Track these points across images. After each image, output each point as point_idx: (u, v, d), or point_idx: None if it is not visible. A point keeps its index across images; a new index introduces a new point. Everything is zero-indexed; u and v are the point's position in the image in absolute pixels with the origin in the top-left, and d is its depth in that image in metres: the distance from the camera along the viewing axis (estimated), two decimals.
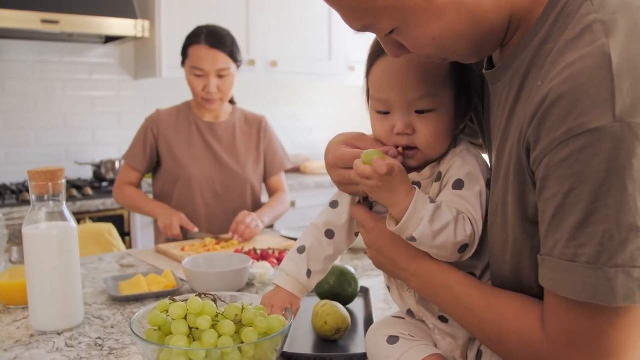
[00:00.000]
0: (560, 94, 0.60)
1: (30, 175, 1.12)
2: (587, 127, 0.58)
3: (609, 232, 0.58)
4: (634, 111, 0.57)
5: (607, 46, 0.59)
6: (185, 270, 1.34)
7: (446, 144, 0.85)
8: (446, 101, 0.82)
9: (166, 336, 0.87)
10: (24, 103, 3.09)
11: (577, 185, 0.60)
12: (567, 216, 0.61)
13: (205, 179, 2.06)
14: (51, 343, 1.08)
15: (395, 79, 0.82)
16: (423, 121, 0.82)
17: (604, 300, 0.59)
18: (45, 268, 1.13)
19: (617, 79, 0.58)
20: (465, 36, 0.70)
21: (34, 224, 1.13)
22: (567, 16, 0.66)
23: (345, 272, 1.24)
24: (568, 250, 0.61)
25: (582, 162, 0.59)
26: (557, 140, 0.61)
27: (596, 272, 0.59)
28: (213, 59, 1.96)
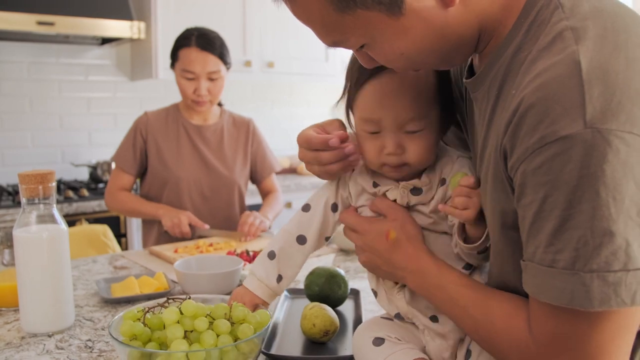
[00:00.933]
0: (533, 102, 0.61)
1: (21, 178, 1.13)
2: (558, 135, 0.59)
3: (583, 238, 0.59)
4: (604, 117, 0.57)
5: (577, 53, 0.60)
6: (177, 272, 1.35)
7: (434, 155, 0.89)
8: (433, 120, 0.85)
9: (145, 344, 0.88)
10: (20, 104, 3.10)
11: (551, 193, 0.60)
12: (544, 223, 0.62)
13: (193, 181, 2.06)
14: (41, 345, 1.09)
15: (388, 101, 0.83)
16: (413, 140, 0.85)
17: (580, 305, 0.60)
18: (36, 270, 1.13)
19: (587, 85, 0.58)
20: (434, 50, 0.72)
21: (24, 226, 1.14)
22: (539, 24, 0.66)
23: (335, 274, 1.24)
24: (547, 255, 0.62)
25: (555, 169, 0.59)
26: (530, 148, 0.61)
27: (572, 277, 0.60)
28: (204, 62, 1.97)
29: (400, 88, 0.83)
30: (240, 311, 0.92)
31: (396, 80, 0.82)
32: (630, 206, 0.58)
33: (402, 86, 0.83)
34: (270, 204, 2.15)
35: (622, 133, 0.57)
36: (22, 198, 1.14)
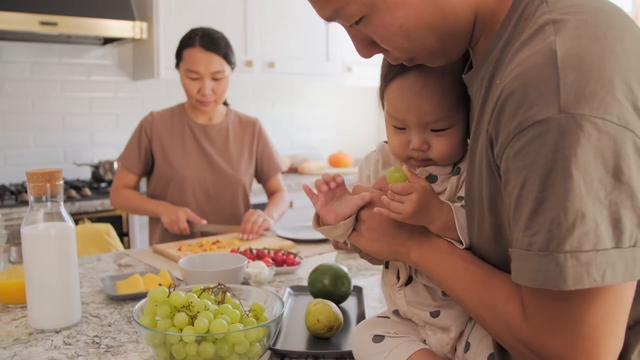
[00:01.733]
0: (512, 89, 0.64)
1: (29, 177, 1.14)
2: (534, 119, 0.61)
3: (557, 219, 0.60)
4: (578, 103, 0.60)
5: (554, 43, 0.63)
6: (181, 269, 1.36)
7: (460, 154, 0.89)
8: (460, 119, 0.85)
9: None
10: (22, 104, 3.11)
11: (529, 176, 0.63)
12: (523, 207, 0.64)
13: (197, 180, 2.08)
14: (49, 341, 1.10)
15: (413, 102, 0.84)
16: (439, 139, 0.85)
17: (555, 285, 0.61)
18: (44, 268, 1.15)
19: (562, 72, 0.61)
20: (432, 27, 0.72)
21: (32, 224, 1.15)
22: (525, 19, 0.69)
23: (338, 271, 1.26)
24: (524, 239, 0.64)
25: (531, 153, 0.62)
26: (511, 134, 0.64)
27: (546, 258, 0.61)
28: (208, 62, 1.98)
29: (425, 88, 0.83)
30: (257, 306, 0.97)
31: (421, 80, 0.83)
32: (599, 188, 0.60)
33: (427, 86, 0.83)
34: (275, 203, 2.16)
35: (594, 119, 0.59)
36: (30, 196, 1.16)
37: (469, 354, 0.87)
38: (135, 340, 1.10)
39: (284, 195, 2.25)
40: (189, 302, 0.92)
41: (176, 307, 0.92)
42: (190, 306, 0.91)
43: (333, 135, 4.33)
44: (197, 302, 0.91)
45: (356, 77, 3.91)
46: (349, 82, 3.92)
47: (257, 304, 1.00)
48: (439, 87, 0.83)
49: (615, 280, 0.60)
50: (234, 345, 0.89)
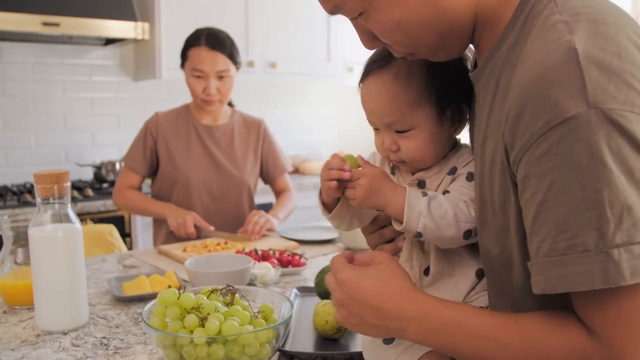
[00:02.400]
0: (532, 90, 0.63)
1: (36, 178, 1.14)
2: (564, 116, 0.60)
3: (603, 216, 0.59)
4: (605, 98, 0.59)
5: (572, 41, 0.62)
6: (188, 270, 1.36)
7: (435, 154, 0.90)
8: (424, 118, 0.86)
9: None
10: (24, 105, 3.11)
11: (559, 177, 0.61)
12: (551, 212, 0.62)
13: (202, 181, 2.08)
14: (57, 343, 1.10)
15: (371, 105, 0.88)
16: (404, 140, 0.88)
17: (614, 282, 0.59)
18: (51, 269, 1.15)
19: (585, 69, 0.60)
20: (430, 25, 0.73)
21: (39, 225, 1.15)
22: (532, 18, 0.69)
23: None
24: (558, 245, 0.61)
25: (562, 152, 0.60)
26: (535, 135, 0.62)
27: (597, 257, 0.59)
28: (213, 61, 1.98)
29: (379, 92, 0.86)
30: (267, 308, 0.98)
31: (376, 84, 0.85)
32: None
33: (380, 90, 0.86)
34: (281, 203, 2.16)
35: (623, 112, 0.59)
36: (37, 197, 1.16)
37: None
38: (143, 342, 1.10)
39: (291, 195, 2.24)
40: (199, 304, 0.92)
41: (186, 309, 0.92)
42: (200, 308, 0.91)
43: (334, 136, 4.33)
44: (207, 304, 0.91)
45: (357, 77, 3.89)
46: (350, 83, 3.92)
47: (266, 305, 1.00)
48: (392, 90, 0.85)
49: None
50: (244, 346, 0.89)
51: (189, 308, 0.91)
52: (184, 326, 0.89)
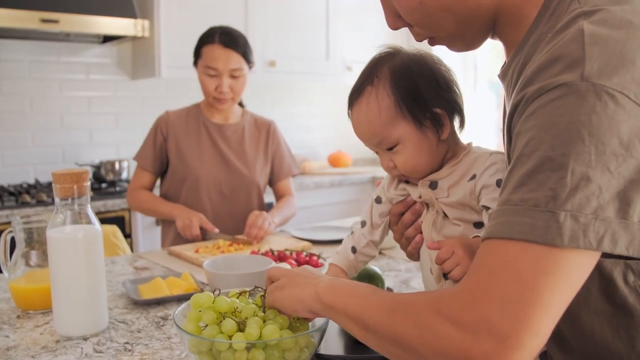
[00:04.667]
0: (539, 64, 0.66)
1: (55, 178, 1.10)
2: (557, 83, 0.63)
3: (563, 179, 0.60)
4: (600, 74, 0.61)
5: (582, 25, 0.65)
6: (207, 272, 1.33)
7: (430, 160, 0.96)
8: (405, 133, 0.94)
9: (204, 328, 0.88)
10: (21, 104, 3.04)
11: (536, 135, 0.63)
12: (522, 165, 0.64)
13: (212, 180, 2.04)
14: (79, 349, 1.06)
15: (358, 132, 0.98)
16: (395, 155, 0.96)
17: (551, 240, 0.59)
18: (71, 272, 1.10)
19: (588, 46, 0.63)
20: (451, 10, 0.76)
21: (58, 227, 1.11)
22: (557, 15, 0.71)
23: (372, 273, 1.23)
24: (515, 195, 0.63)
25: (545, 113, 0.63)
26: (530, 98, 0.65)
27: (544, 214, 0.60)
28: (227, 59, 1.96)
29: (358, 121, 0.96)
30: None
31: (356, 112, 0.96)
32: (610, 159, 0.60)
33: (359, 119, 0.96)
34: (280, 207, 2.11)
35: (613, 91, 0.61)
36: (56, 198, 1.11)
37: None
38: (168, 347, 1.06)
39: (291, 201, 2.18)
40: (235, 308, 0.88)
41: (221, 313, 0.88)
42: (236, 312, 0.88)
43: (332, 135, 4.30)
44: (245, 308, 0.88)
45: (356, 76, 3.86)
46: (349, 81, 3.89)
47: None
48: (368, 116, 0.94)
49: (616, 249, 0.60)
50: (284, 351, 0.85)
51: (224, 312, 0.88)
52: (221, 331, 0.85)
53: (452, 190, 0.95)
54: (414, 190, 1.00)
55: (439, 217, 0.98)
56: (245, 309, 0.87)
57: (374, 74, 0.94)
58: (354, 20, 3.84)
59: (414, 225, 1.05)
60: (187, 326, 0.89)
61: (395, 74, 0.93)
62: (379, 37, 3.98)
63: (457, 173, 0.95)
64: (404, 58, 0.95)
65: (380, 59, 0.96)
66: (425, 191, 0.98)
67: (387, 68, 0.94)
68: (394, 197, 1.06)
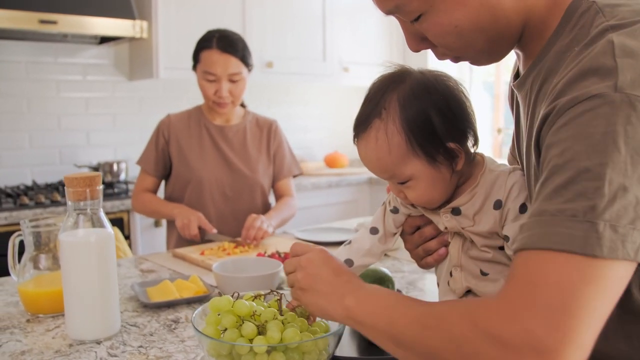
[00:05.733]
0: (570, 77, 0.66)
1: (68, 181, 1.10)
2: (590, 93, 0.63)
3: (600, 190, 0.60)
4: (633, 85, 0.62)
5: (611, 37, 0.66)
6: (216, 274, 1.33)
7: (443, 192, 0.91)
8: (417, 170, 0.88)
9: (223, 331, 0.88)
10: (18, 105, 3.02)
11: (571, 145, 0.63)
12: (558, 175, 0.63)
13: (215, 181, 2.04)
14: (93, 353, 1.06)
15: (366, 164, 0.92)
16: (407, 189, 0.91)
17: (591, 251, 0.58)
18: (84, 276, 1.10)
19: (619, 58, 0.63)
20: (484, 30, 0.76)
21: (70, 230, 1.11)
22: (581, 27, 0.71)
23: (383, 275, 1.23)
24: (552, 206, 0.62)
25: (581, 124, 0.63)
26: (562, 109, 0.65)
27: (583, 224, 0.60)
28: (225, 64, 1.95)
29: (368, 153, 0.89)
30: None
31: (364, 145, 0.89)
32: None
33: (368, 152, 0.89)
34: (278, 209, 2.09)
35: None
36: (68, 201, 1.11)
37: None
38: (183, 350, 1.06)
39: (290, 201, 2.16)
40: (254, 311, 0.89)
41: (241, 317, 0.88)
42: (255, 315, 0.88)
43: (329, 136, 4.30)
44: (265, 312, 0.88)
45: (353, 77, 3.90)
46: (345, 82, 3.90)
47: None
48: (377, 152, 0.88)
49: None
50: (304, 354, 0.86)
51: (244, 315, 0.88)
52: (241, 335, 0.86)
53: (478, 218, 0.91)
54: (438, 220, 0.96)
55: (466, 242, 0.95)
56: (264, 313, 0.88)
57: (381, 105, 0.86)
58: (351, 21, 3.85)
59: (438, 239, 0.99)
60: (206, 330, 0.89)
61: (405, 107, 0.85)
62: (375, 38, 3.99)
63: (478, 197, 0.91)
64: (413, 85, 0.87)
65: (388, 88, 0.88)
66: (450, 221, 0.94)
67: (396, 99, 0.86)
68: (411, 211, 1.02)
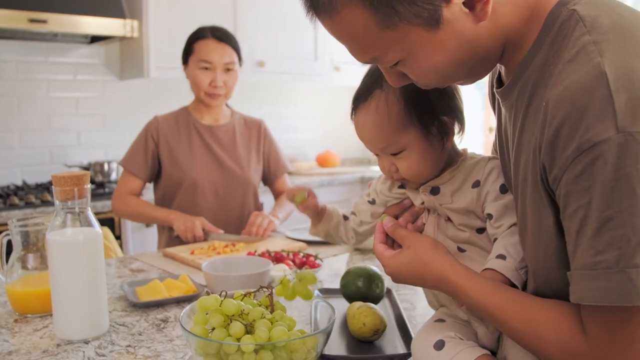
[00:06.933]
0: (565, 114, 0.65)
1: (55, 180, 1.09)
2: (594, 141, 0.62)
3: (625, 236, 0.61)
4: (634, 121, 0.61)
5: (602, 64, 0.64)
6: (206, 274, 1.32)
7: (432, 167, 0.96)
8: (411, 140, 0.93)
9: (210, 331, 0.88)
10: (8, 104, 3.00)
11: (594, 196, 0.63)
12: (587, 228, 0.64)
13: (207, 181, 2.04)
14: (80, 352, 1.05)
15: (363, 136, 0.96)
16: (399, 161, 0.95)
17: (629, 301, 0.62)
18: (72, 275, 1.10)
19: (615, 94, 0.62)
20: (464, 63, 0.76)
21: (58, 229, 1.10)
22: (562, 38, 0.70)
23: (373, 273, 1.23)
24: (589, 259, 0.64)
25: (594, 173, 0.63)
26: (570, 158, 0.65)
27: (617, 275, 0.62)
28: (221, 52, 1.98)
29: (365, 124, 0.94)
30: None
31: (362, 118, 0.93)
32: None
33: (366, 122, 0.93)
34: (281, 204, 2.13)
35: None
36: (56, 200, 1.11)
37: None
38: (171, 349, 1.06)
39: None
40: (242, 310, 0.88)
41: (229, 316, 0.88)
42: (243, 314, 0.88)
43: (321, 135, 4.30)
44: (253, 310, 0.88)
45: (344, 76, 3.90)
46: (337, 82, 3.90)
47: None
48: (376, 120, 0.92)
49: None
50: (292, 352, 0.86)
51: (232, 314, 0.88)
52: (229, 334, 0.85)
53: (456, 197, 0.95)
54: (415, 197, 1.00)
55: (441, 221, 0.98)
56: (252, 312, 0.88)
57: (382, 77, 0.89)
58: None
59: (414, 226, 1.02)
60: (194, 329, 0.88)
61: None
62: None
63: (458, 178, 0.95)
64: None
65: None
66: (428, 198, 0.97)
67: None
68: (389, 200, 1.05)
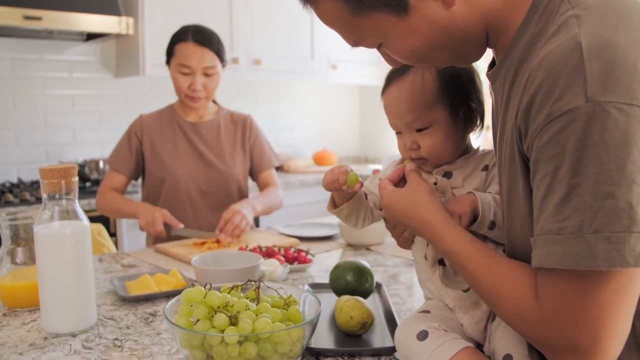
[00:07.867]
0: (540, 82, 0.66)
1: (42, 173, 1.09)
2: (563, 109, 0.64)
3: (588, 202, 0.62)
4: (604, 91, 0.62)
5: (578, 35, 0.65)
6: (196, 268, 1.32)
7: (453, 150, 0.99)
8: (439, 118, 0.97)
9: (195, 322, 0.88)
10: (3, 102, 3.00)
11: (560, 164, 0.65)
12: (553, 194, 0.66)
13: (190, 177, 2.03)
14: (67, 345, 1.05)
15: (393, 109, 0.99)
16: (423, 137, 0.98)
17: (586, 265, 0.63)
18: (59, 268, 1.09)
19: (587, 62, 0.63)
20: (442, 47, 0.79)
21: (45, 223, 1.10)
22: (548, 16, 0.72)
23: (361, 267, 1.23)
24: (554, 225, 0.66)
25: (561, 141, 0.64)
26: (540, 125, 0.67)
27: (578, 240, 0.63)
28: (200, 56, 1.94)
29: (399, 96, 0.97)
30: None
31: (395, 90, 0.97)
32: (634, 172, 0.61)
33: (400, 94, 0.97)
34: (264, 194, 2.08)
35: (621, 105, 0.61)
36: (43, 194, 1.11)
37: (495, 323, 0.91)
38: (158, 343, 1.06)
39: (276, 190, 2.15)
40: (226, 302, 0.88)
41: (213, 308, 0.88)
42: (228, 306, 0.88)
43: (317, 133, 4.30)
44: (237, 302, 0.88)
45: (341, 74, 3.90)
46: (334, 80, 3.90)
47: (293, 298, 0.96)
48: (410, 93, 0.96)
49: None
50: (276, 344, 0.85)
51: (216, 306, 0.88)
52: (213, 325, 0.85)
53: (467, 182, 0.99)
54: (428, 177, 1.01)
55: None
56: (237, 304, 0.87)
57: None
58: None
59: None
60: (178, 321, 0.88)
61: None
62: None
63: (470, 165, 1.00)
64: None
65: None
66: (442, 179, 1.00)
67: None
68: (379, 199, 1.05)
